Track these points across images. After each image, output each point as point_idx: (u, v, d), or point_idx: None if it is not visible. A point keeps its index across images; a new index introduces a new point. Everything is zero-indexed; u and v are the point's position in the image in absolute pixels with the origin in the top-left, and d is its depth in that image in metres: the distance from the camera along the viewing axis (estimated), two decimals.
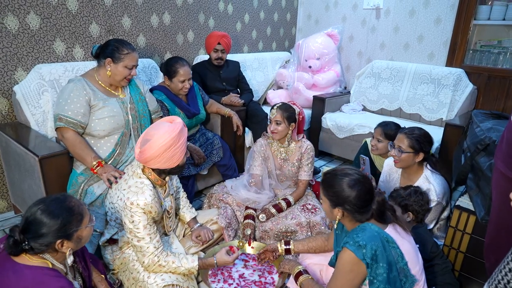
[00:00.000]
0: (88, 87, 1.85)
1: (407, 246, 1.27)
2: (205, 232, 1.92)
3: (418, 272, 1.28)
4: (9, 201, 2.38)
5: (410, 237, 1.34)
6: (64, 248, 1.16)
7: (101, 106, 1.86)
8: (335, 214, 1.32)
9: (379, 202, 1.30)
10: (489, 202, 1.45)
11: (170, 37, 3.06)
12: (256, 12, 3.83)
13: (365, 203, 1.27)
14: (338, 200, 1.29)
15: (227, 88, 3.03)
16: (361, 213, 1.28)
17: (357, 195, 1.26)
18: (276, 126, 2.13)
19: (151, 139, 1.52)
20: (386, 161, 2.16)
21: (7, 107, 2.24)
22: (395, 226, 1.31)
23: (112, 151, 1.90)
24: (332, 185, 1.31)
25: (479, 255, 1.66)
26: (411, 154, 1.88)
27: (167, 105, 2.35)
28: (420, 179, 1.92)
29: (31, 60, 2.26)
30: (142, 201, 1.52)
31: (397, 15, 3.57)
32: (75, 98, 1.80)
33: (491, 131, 1.72)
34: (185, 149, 1.60)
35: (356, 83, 3.75)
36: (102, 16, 2.54)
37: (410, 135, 1.89)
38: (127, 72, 1.89)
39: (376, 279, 1.17)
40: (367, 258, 1.16)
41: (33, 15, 2.21)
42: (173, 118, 1.62)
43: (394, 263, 1.19)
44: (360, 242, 1.17)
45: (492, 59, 3.10)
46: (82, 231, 1.19)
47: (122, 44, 1.88)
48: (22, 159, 1.90)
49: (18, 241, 1.10)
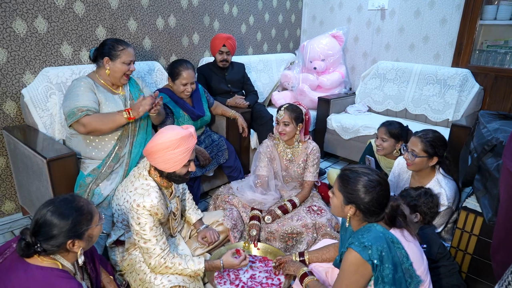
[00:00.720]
0: (93, 83, 1.91)
1: (412, 247, 1.26)
2: (211, 233, 1.93)
3: (423, 273, 1.27)
4: (17, 203, 2.41)
5: (416, 240, 1.33)
6: (76, 248, 1.17)
7: (104, 102, 1.92)
8: (346, 211, 1.29)
9: (393, 207, 1.27)
10: (496, 203, 1.44)
11: (175, 40, 3.08)
12: (261, 14, 3.84)
13: (380, 206, 1.25)
14: (353, 197, 1.26)
15: (232, 90, 3.04)
16: (374, 214, 1.26)
17: (375, 197, 1.23)
18: (284, 127, 2.13)
19: (158, 135, 1.56)
20: (397, 160, 2.13)
21: (15, 110, 2.27)
22: (402, 231, 1.29)
23: (114, 146, 1.94)
24: (351, 181, 1.27)
25: (486, 257, 1.65)
26: (425, 159, 1.84)
27: (171, 108, 2.36)
28: (431, 182, 1.89)
29: (38, 63, 2.29)
30: (148, 203, 1.53)
31: (402, 15, 3.56)
32: (85, 92, 1.85)
33: (498, 131, 1.71)
34: (185, 159, 1.57)
35: (361, 84, 3.74)
36: (108, 19, 2.56)
37: (424, 139, 1.84)
38: (126, 68, 1.94)
39: (381, 280, 1.17)
40: (373, 259, 1.15)
41: (40, 19, 2.23)
42: (188, 126, 1.63)
43: (399, 263, 1.19)
44: (365, 243, 1.17)
45: (498, 59, 3.07)
46: (92, 229, 1.21)
47: (117, 42, 1.94)
48: (30, 161, 1.92)
49: (30, 243, 1.11)
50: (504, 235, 1.24)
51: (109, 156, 1.92)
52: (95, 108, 1.85)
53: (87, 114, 1.80)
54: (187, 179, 1.70)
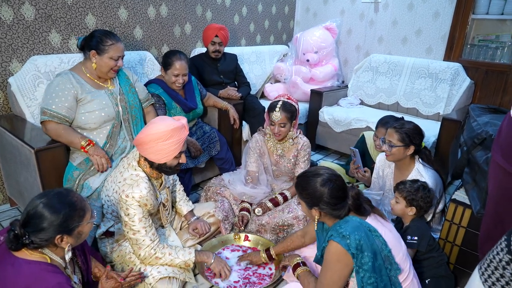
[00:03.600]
0: (75, 80, 1.83)
1: (389, 234, 1.29)
2: (202, 224, 1.92)
3: (402, 258, 1.30)
4: (4, 194, 2.37)
5: (391, 224, 1.38)
6: (64, 244, 1.15)
7: (89, 99, 1.83)
8: (314, 214, 1.35)
9: (354, 197, 1.32)
10: (485, 195, 1.45)
11: (167, 30, 3.03)
12: (254, 4, 3.80)
13: (339, 200, 1.29)
14: (313, 200, 1.32)
15: (224, 81, 3.02)
16: (337, 209, 1.30)
17: (329, 193, 1.28)
18: (281, 128, 2.07)
19: (149, 126, 1.54)
20: (379, 157, 2.17)
21: (2, 99, 2.22)
22: (375, 216, 1.34)
23: (105, 144, 1.89)
24: (305, 187, 1.34)
25: (474, 248, 1.68)
26: (402, 148, 1.89)
27: (164, 98, 2.33)
28: (412, 173, 1.93)
29: (26, 51, 2.24)
30: (137, 193, 1.52)
31: (395, 8, 3.56)
32: (60, 92, 1.78)
33: (488, 125, 1.72)
34: (176, 151, 1.56)
35: (354, 77, 3.75)
36: (98, 7, 2.51)
37: (400, 129, 1.90)
38: (113, 64, 1.86)
39: (361, 268, 1.20)
40: (352, 248, 1.18)
41: (28, 6, 2.18)
42: (180, 118, 1.61)
43: (378, 251, 1.22)
44: (344, 233, 1.20)
45: (489, 54, 3.10)
46: (83, 226, 1.19)
47: (106, 35, 1.84)
48: (17, 151, 1.88)
49: (19, 235, 1.09)
50: (493, 227, 1.26)
51: None
52: (63, 115, 1.78)
53: (49, 119, 1.76)
54: (178, 171, 1.69)
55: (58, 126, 1.78)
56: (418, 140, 1.91)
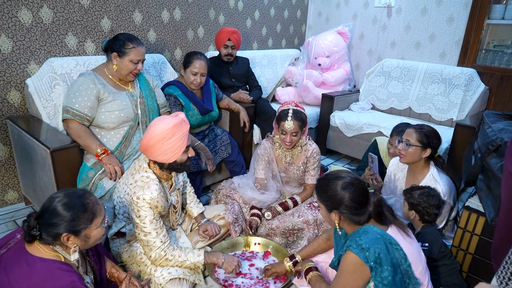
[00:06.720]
0: (97, 81, 1.88)
1: (410, 247, 1.26)
2: (212, 226, 1.93)
3: (422, 272, 1.27)
4: (20, 193, 2.42)
5: (412, 237, 1.34)
6: (70, 243, 1.16)
7: (110, 100, 1.88)
8: (333, 218, 1.32)
9: (376, 203, 1.29)
10: (499, 203, 1.43)
11: (180, 33, 3.07)
12: (267, 9, 3.82)
13: (360, 205, 1.27)
14: (333, 204, 1.30)
15: (236, 85, 3.04)
16: (357, 215, 1.27)
17: (350, 196, 1.26)
18: (293, 137, 2.05)
19: (150, 129, 1.55)
20: (392, 161, 2.15)
21: (20, 99, 2.27)
22: (397, 228, 1.30)
23: (120, 143, 1.93)
24: (325, 190, 1.32)
25: (487, 257, 1.65)
26: (419, 149, 1.86)
27: (181, 100, 2.36)
28: (426, 178, 1.90)
29: (43, 53, 2.29)
30: (148, 195, 1.53)
31: (408, 13, 3.53)
32: (83, 92, 1.83)
33: (503, 132, 1.70)
34: (183, 146, 1.57)
35: (365, 81, 3.73)
36: (113, 11, 2.56)
37: (419, 129, 1.89)
38: (133, 67, 1.91)
39: (381, 283, 1.17)
40: (370, 261, 1.16)
41: (46, 9, 2.23)
42: (177, 113, 1.63)
43: (398, 265, 1.19)
44: (363, 245, 1.17)
45: (505, 60, 3.05)
46: (90, 230, 1.19)
47: (129, 39, 1.90)
48: (33, 151, 1.92)
49: (31, 226, 1.12)
50: (506, 235, 1.23)
51: (112, 153, 1.90)
52: (85, 114, 1.83)
53: (71, 118, 1.81)
54: (188, 166, 1.70)
55: (80, 127, 1.83)
56: (436, 144, 1.89)
